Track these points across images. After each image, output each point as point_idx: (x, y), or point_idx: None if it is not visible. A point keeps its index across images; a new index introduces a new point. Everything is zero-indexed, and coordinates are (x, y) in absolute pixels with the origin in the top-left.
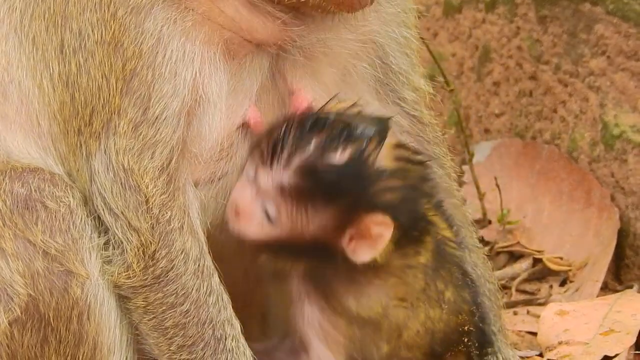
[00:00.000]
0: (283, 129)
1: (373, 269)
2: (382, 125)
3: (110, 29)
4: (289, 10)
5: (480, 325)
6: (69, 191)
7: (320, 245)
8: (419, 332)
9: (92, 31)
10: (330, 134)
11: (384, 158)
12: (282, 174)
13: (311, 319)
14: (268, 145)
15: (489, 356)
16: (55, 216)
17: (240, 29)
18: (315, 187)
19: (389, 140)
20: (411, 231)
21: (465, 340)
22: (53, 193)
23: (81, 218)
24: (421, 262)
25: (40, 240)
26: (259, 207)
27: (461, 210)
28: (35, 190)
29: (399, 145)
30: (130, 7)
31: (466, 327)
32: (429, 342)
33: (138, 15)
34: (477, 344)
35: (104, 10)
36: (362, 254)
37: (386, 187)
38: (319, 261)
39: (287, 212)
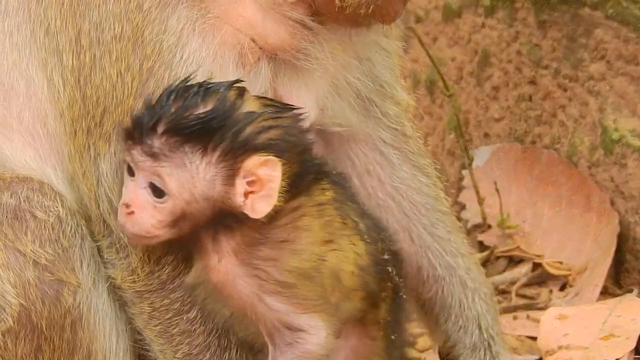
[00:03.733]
0: (143, 106)
1: (288, 219)
2: (237, 81)
3: (133, 21)
4: (316, 19)
5: (392, 248)
6: (58, 200)
7: (220, 209)
8: (354, 272)
9: (112, 24)
10: (187, 94)
11: (250, 105)
12: (153, 141)
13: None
14: (133, 123)
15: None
16: (44, 226)
17: (255, 34)
18: (186, 138)
19: (252, 93)
20: (305, 170)
21: (390, 269)
22: (42, 203)
23: (71, 227)
24: (330, 198)
25: (30, 250)
26: (144, 191)
27: (450, 217)
28: (24, 201)
29: (264, 97)
30: (157, 0)
31: (386, 255)
32: (362, 282)
33: (164, 9)
34: (397, 270)
35: (129, 1)
36: (260, 207)
37: (260, 128)
38: (234, 229)
39: (171, 178)
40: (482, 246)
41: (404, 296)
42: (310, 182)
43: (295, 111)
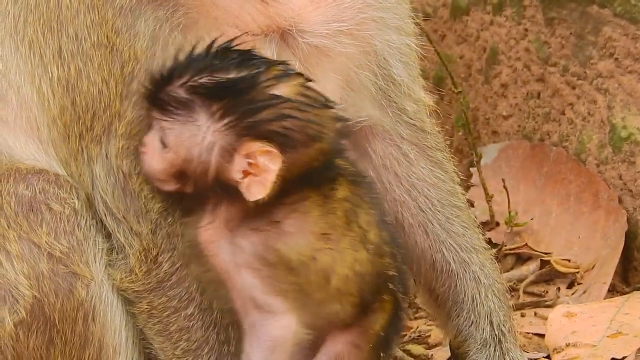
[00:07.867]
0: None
1: (288, 202)
2: (286, 65)
3: (104, 31)
4: None
5: (403, 267)
6: (73, 192)
7: (219, 180)
8: (348, 276)
9: (88, 34)
10: (226, 57)
11: (283, 90)
12: (164, 92)
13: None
14: (157, 73)
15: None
16: (59, 218)
17: (235, 19)
18: (199, 96)
19: (298, 80)
20: (325, 168)
21: (391, 286)
22: (58, 195)
23: (86, 220)
24: (338, 197)
25: (45, 242)
26: (156, 137)
27: (466, 212)
28: (39, 192)
29: (309, 87)
30: (118, 8)
31: (390, 272)
32: (358, 289)
33: (128, 17)
34: (401, 290)
35: (96, 12)
36: (255, 190)
37: (278, 115)
38: (234, 201)
39: (171, 132)
40: (490, 244)
41: (402, 318)
42: (325, 179)
43: (332, 110)
